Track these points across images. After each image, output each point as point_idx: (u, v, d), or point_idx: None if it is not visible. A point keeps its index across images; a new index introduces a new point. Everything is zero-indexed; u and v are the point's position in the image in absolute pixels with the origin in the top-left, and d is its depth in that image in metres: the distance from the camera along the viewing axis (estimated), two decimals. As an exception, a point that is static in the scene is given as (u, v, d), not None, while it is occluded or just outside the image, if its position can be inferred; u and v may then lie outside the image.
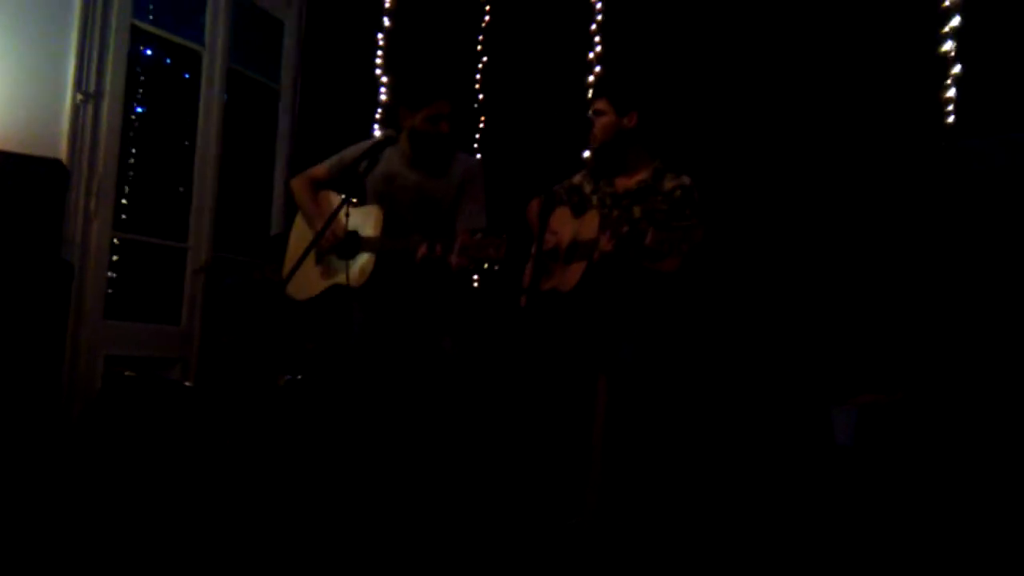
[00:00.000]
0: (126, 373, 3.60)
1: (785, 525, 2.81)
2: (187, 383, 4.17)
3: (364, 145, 3.15)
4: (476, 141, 4.55)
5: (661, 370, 2.99)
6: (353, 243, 3.11)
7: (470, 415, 3.12)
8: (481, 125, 4.57)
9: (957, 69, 3.45)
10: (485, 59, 4.63)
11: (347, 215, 3.04)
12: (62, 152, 3.91)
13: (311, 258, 3.24)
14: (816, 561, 2.57)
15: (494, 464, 2.92)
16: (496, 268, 2.86)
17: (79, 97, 3.99)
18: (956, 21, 3.50)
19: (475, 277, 4.28)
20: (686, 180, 3.09)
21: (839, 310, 3.54)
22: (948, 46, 3.50)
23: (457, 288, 3.27)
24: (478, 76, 4.63)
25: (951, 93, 3.45)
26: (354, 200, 3.21)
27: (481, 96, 4.60)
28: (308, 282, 3.21)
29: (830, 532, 2.71)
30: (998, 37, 3.39)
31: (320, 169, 3.28)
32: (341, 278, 3.07)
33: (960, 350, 2.88)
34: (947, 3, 3.51)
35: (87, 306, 4.01)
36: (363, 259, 3.06)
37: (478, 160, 3.35)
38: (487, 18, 4.64)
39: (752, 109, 3.90)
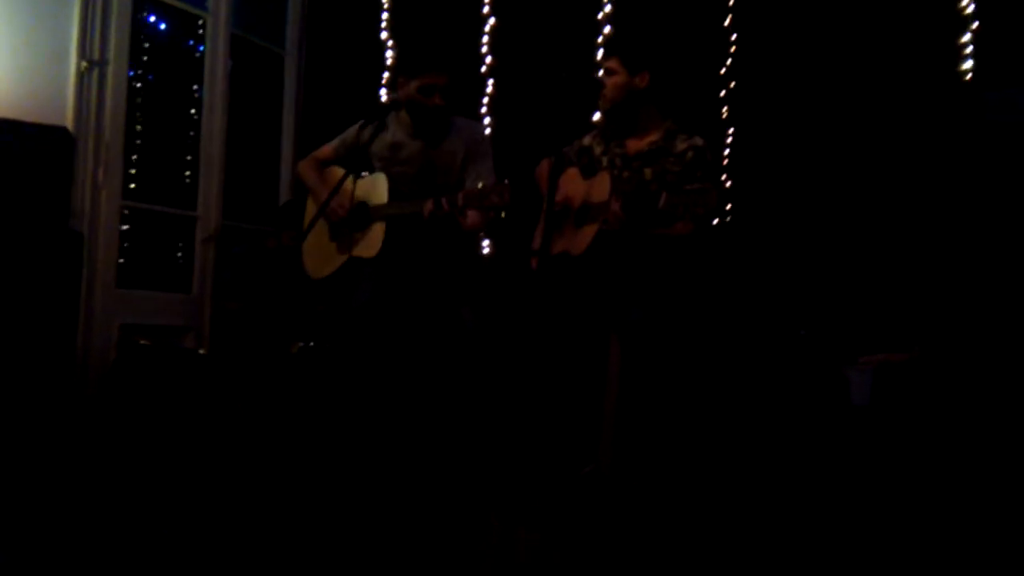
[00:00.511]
0: (141, 341, 3.61)
1: (798, 485, 2.82)
2: (201, 351, 4.19)
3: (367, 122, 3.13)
4: (483, 104, 4.50)
5: (673, 332, 2.98)
6: (363, 214, 3.10)
7: (486, 379, 3.13)
8: (489, 88, 4.51)
9: (975, 25, 3.39)
10: (492, 21, 4.55)
11: (353, 183, 3.02)
12: (68, 120, 3.89)
13: (325, 235, 3.24)
14: (830, 520, 2.58)
15: (508, 422, 2.93)
16: (503, 216, 2.85)
17: (83, 64, 3.95)
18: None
19: (486, 242, 4.26)
20: (699, 141, 3.05)
21: (853, 268, 3.52)
22: (966, 1, 3.43)
23: (469, 253, 3.27)
24: (485, 39, 4.56)
25: (969, 48, 3.39)
26: (364, 174, 3.20)
27: (489, 59, 4.54)
28: (325, 259, 3.21)
29: (845, 492, 2.72)
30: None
31: (326, 149, 3.28)
32: (356, 251, 3.06)
33: (977, 307, 2.86)
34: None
35: (99, 275, 4.01)
36: (374, 228, 3.05)
37: (482, 125, 3.31)
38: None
39: (763, 66, 3.84)
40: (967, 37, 3.42)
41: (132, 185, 4.31)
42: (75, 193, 3.87)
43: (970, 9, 3.42)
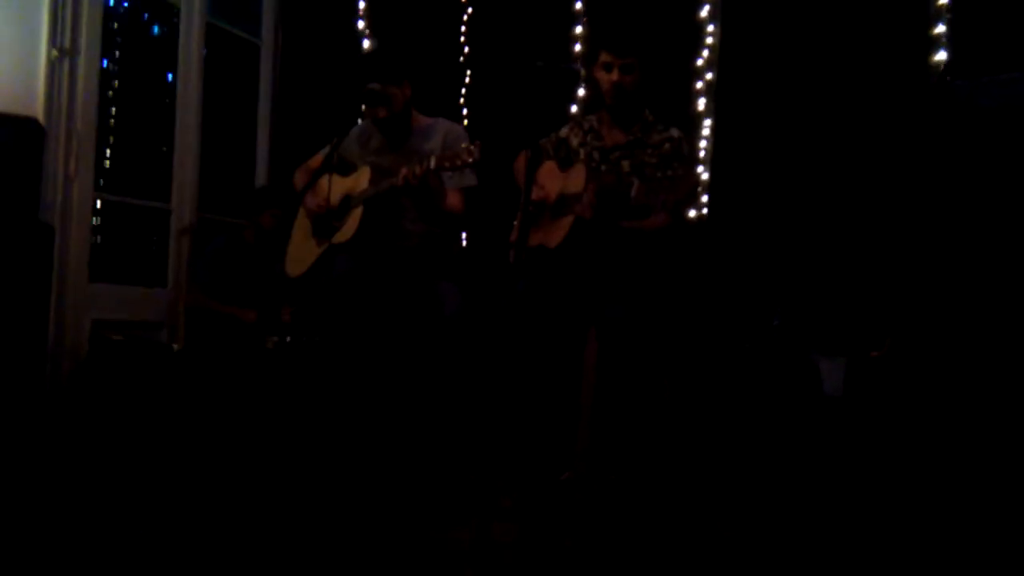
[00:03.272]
0: (113, 337, 3.57)
1: (775, 477, 2.84)
2: (175, 346, 4.14)
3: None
4: (462, 96, 4.48)
5: (650, 327, 2.98)
6: (345, 205, 3.10)
7: (463, 370, 3.12)
8: (466, 79, 4.49)
9: (948, 16, 3.41)
10: (470, 10, 4.52)
11: (330, 180, 3.03)
12: (38, 111, 3.81)
13: (308, 235, 3.25)
14: (806, 512, 2.60)
15: (484, 419, 2.93)
16: (473, 171, 2.88)
17: (54, 53, 3.88)
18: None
19: (463, 235, 4.23)
20: (675, 133, 3.05)
21: (827, 258, 3.54)
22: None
23: (448, 238, 3.26)
24: (463, 28, 4.53)
25: (942, 35, 3.41)
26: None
27: (467, 49, 4.51)
28: (304, 255, 3.22)
29: (819, 483, 2.74)
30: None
31: (319, 156, 3.28)
32: (335, 238, 3.07)
33: (949, 299, 2.88)
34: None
35: (71, 269, 3.94)
36: (352, 213, 3.05)
37: (457, 125, 3.32)
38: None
39: (740, 59, 3.85)
40: (940, 29, 3.44)
41: (105, 177, 4.25)
42: (46, 185, 3.80)
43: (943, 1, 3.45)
